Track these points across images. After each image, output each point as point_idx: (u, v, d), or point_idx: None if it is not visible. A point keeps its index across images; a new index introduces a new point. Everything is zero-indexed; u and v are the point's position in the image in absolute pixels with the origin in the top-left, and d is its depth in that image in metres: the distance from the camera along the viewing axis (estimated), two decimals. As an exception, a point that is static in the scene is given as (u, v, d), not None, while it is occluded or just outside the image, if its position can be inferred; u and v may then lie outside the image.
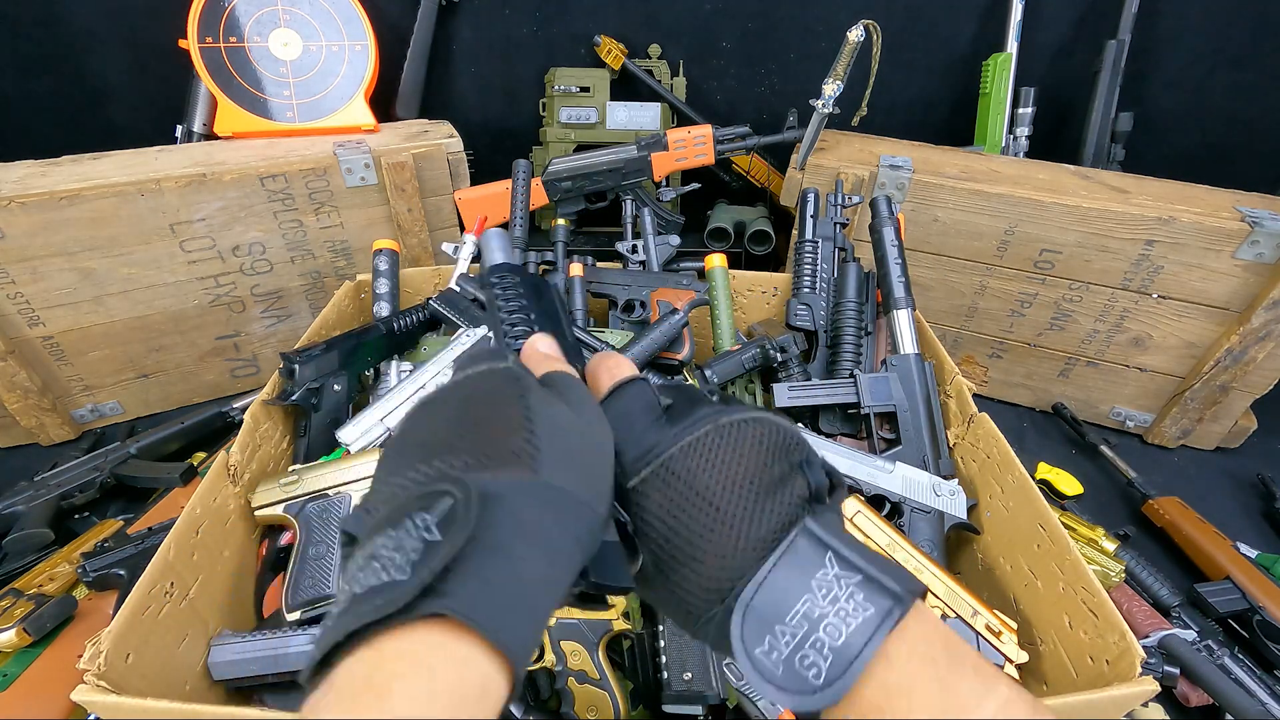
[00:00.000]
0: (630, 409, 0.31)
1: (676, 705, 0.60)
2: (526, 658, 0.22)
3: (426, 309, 0.93)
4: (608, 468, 0.29)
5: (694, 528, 0.27)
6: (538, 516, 0.24)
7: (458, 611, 0.20)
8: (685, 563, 0.27)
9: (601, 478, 0.28)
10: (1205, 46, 1.23)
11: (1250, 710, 0.68)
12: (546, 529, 0.24)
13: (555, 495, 0.25)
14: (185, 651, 0.58)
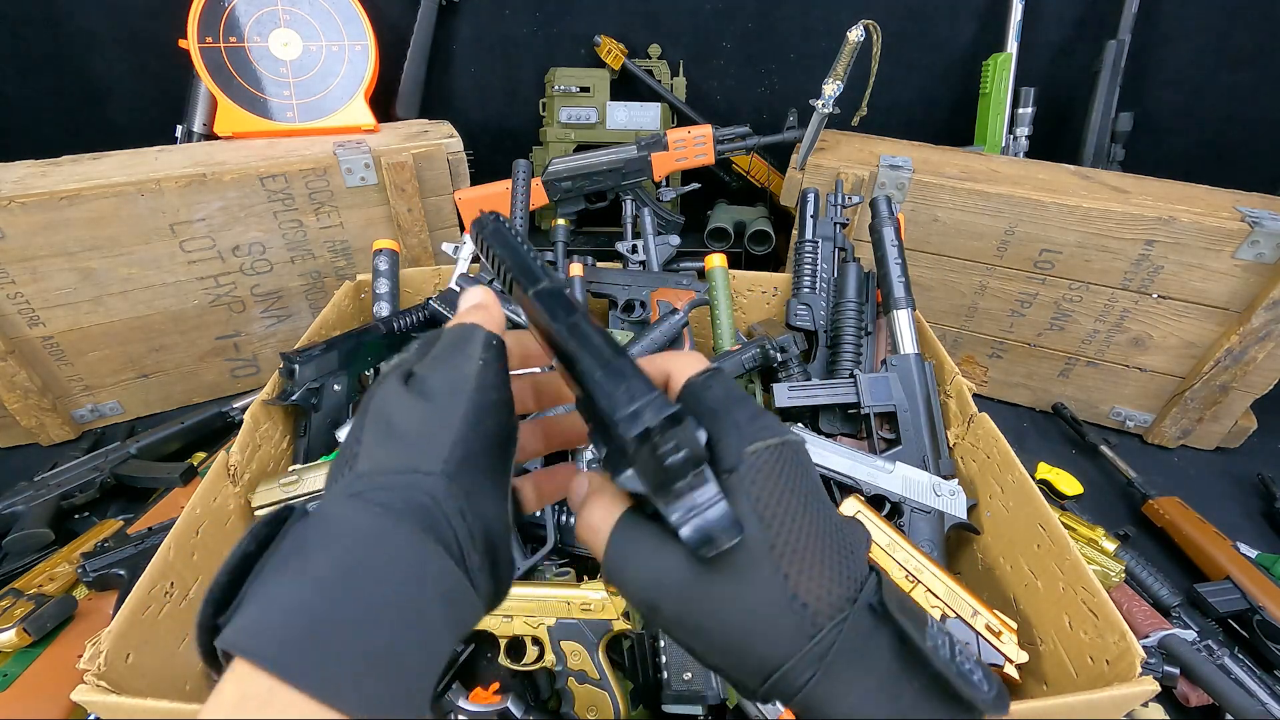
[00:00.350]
0: (732, 392, 0.27)
1: (676, 705, 0.60)
2: (330, 683, 0.20)
3: (426, 309, 0.93)
4: (449, 421, 0.26)
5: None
6: (341, 516, 0.23)
7: (227, 643, 0.20)
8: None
9: (434, 436, 0.25)
10: (1205, 46, 1.23)
11: (1250, 710, 0.68)
12: (348, 527, 0.22)
13: (361, 485, 0.24)
14: (185, 651, 0.58)
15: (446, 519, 0.24)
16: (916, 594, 0.64)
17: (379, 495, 0.23)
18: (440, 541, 0.23)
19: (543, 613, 0.63)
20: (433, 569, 0.23)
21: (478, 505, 0.25)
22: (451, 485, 0.24)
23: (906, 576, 0.65)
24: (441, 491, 0.24)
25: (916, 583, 0.64)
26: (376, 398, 0.27)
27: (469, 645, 0.67)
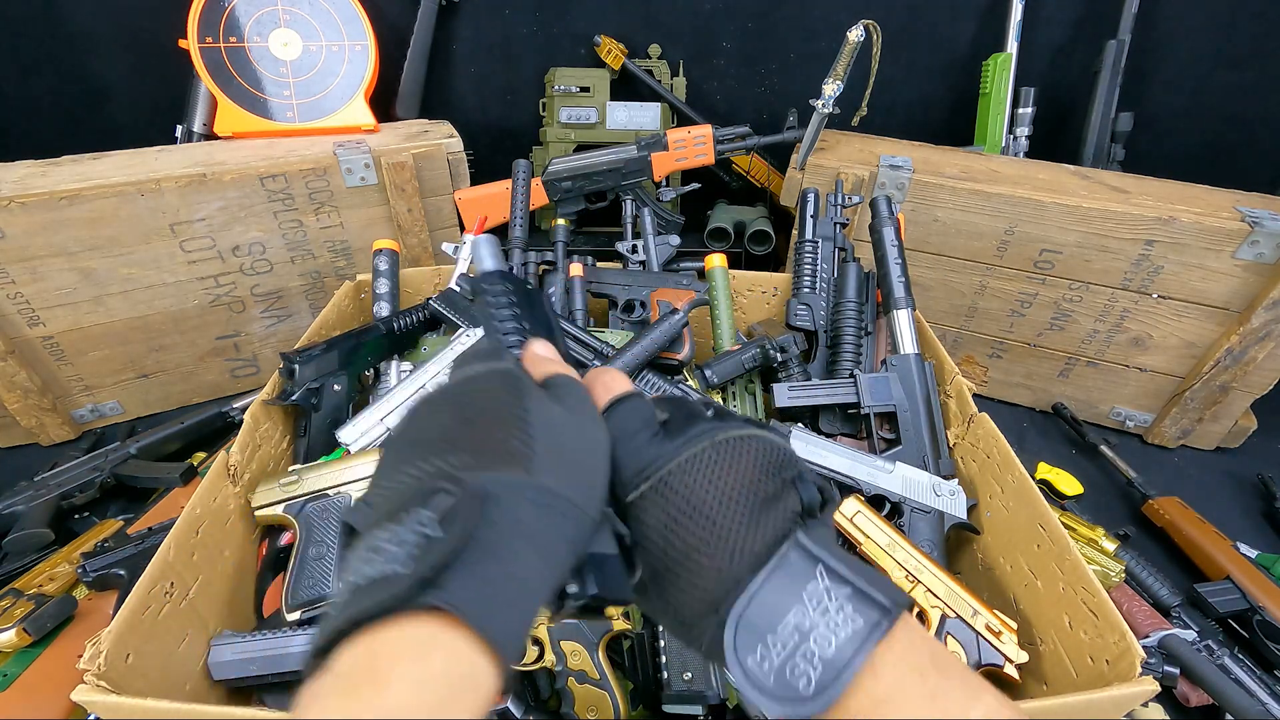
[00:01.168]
0: (627, 424, 0.31)
1: (676, 705, 0.60)
2: (516, 652, 0.23)
3: (426, 309, 0.93)
4: (602, 472, 0.29)
5: (690, 541, 0.27)
6: (531, 516, 0.24)
7: (453, 605, 0.21)
8: (681, 575, 0.28)
9: (595, 481, 0.28)
10: (1205, 46, 1.23)
11: (1250, 710, 0.68)
12: (539, 529, 0.24)
13: (547, 496, 0.25)
14: (185, 651, 0.58)
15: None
16: (916, 594, 0.64)
17: (561, 527, 0.26)
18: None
19: (543, 613, 0.63)
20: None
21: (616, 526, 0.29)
22: (594, 534, 0.27)
23: (906, 576, 0.65)
24: (588, 535, 0.27)
25: (916, 583, 0.64)
26: (536, 403, 0.28)
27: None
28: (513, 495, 0.24)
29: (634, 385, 0.34)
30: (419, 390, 0.80)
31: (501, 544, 0.23)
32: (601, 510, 0.28)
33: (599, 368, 0.35)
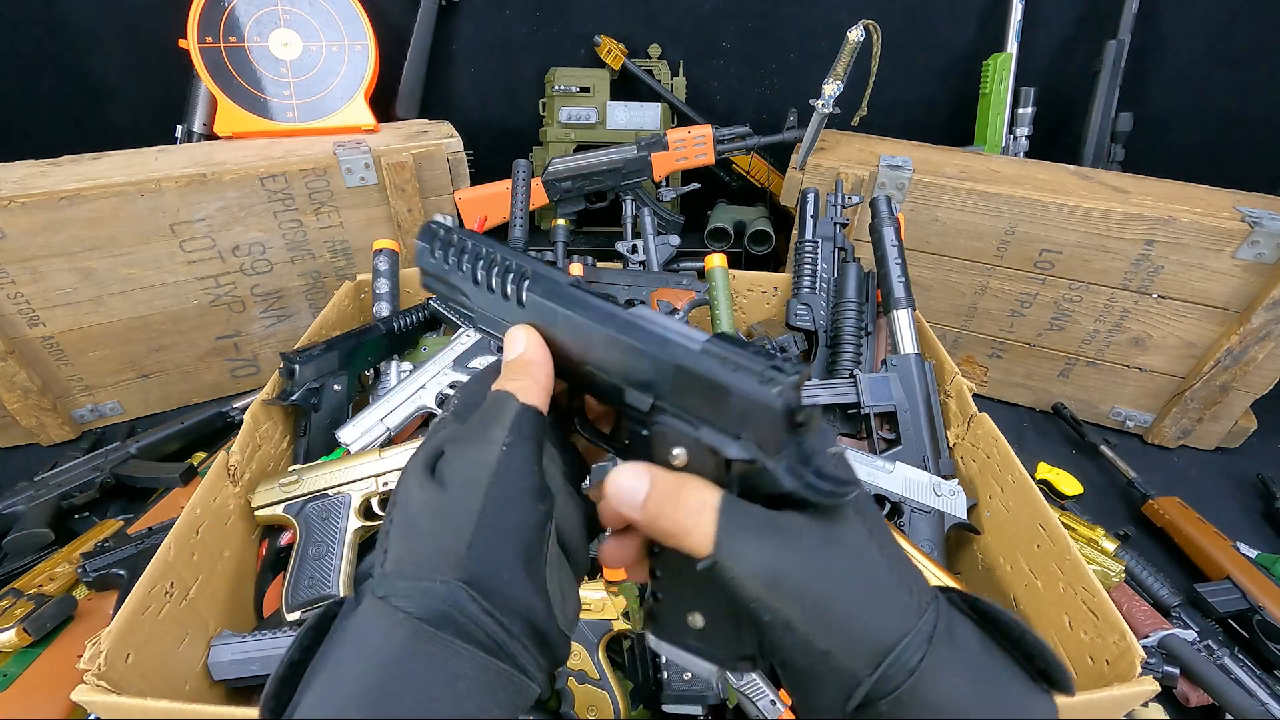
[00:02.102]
0: None
1: (676, 705, 0.60)
2: None
3: (426, 309, 0.93)
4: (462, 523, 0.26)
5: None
6: (366, 620, 0.25)
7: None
8: None
9: (448, 538, 0.25)
10: (1205, 46, 1.23)
11: (1250, 710, 0.68)
12: (368, 631, 0.25)
13: (389, 586, 0.25)
14: (185, 651, 0.58)
15: (472, 619, 0.24)
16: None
17: (402, 601, 0.24)
18: (470, 640, 0.24)
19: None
20: (464, 668, 0.24)
21: (507, 598, 0.25)
22: (471, 589, 0.25)
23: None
24: (460, 597, 0.24)
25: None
26: (402, 485, 0.27)
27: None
28: (359, 611, 0.25)
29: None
30: (419, 390, 0.80)
31: (330, 653, 0.25)
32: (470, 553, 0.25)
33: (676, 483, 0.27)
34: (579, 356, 0.30)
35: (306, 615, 0.63)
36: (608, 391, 0.29)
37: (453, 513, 0.26)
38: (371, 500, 0.70)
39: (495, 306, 0.32)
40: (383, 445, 0.76)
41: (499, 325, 0.32)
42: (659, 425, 0.27)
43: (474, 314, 0.33)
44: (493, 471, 0.26)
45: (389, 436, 0.77)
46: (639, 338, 0.28)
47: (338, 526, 0.68)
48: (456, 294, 0.34)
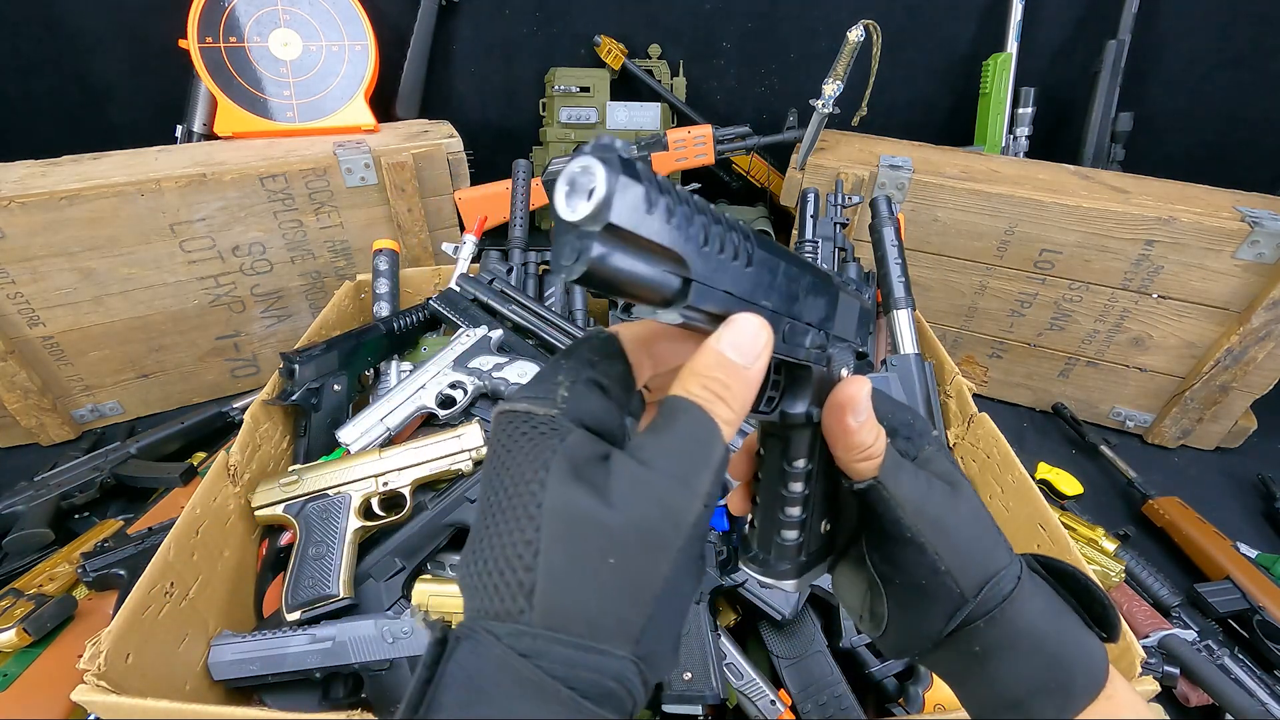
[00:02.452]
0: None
1: (676, 705, 0.60)
2: None
3: (426, 309, 0.93)
4: (650, 586, 0.20)
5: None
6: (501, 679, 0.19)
7: None
8: None
9: (631, 602, 0.20)
10: (1205, 46, 1.23)
11: (1250, 710, 0.68)
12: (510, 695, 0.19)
13: (530, 649, 0.19)
14: (185, 651, 0.58)
15: (635, 700, 0.20)
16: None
17: (560, 668, 0.19)
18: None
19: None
20: None
21: (658, 672, 0.21)
22: (640, 666, 0.20)
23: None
24: (631, 673, 0.20)
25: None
26: (557, 505, 0.20)
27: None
28: (481, 653, 0.19)
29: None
30: (419, 390, 0.80)
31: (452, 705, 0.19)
32: (649, 627, 0.20)
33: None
34: (787, 311, 0.26)
35: (308, 614, 0.63)
36: (800, 341, 0.28)
37: (638, 572, 0.20)
38: (371, 500, 0.70)
39: (720, 276, 0.22)
40: (383, 445, 0.76)
41: (717, 300, 0.22)
42: (834, 350, 0.30)
43: (685, 298, 0.21)
44: (689, 533, 0.21)
45: (389, 436, 0.77)
46: (817, 275, 0.29)
47: (338, 526, 0.68)
48: (660, 267, 0.20)
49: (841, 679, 0.62)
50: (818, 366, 0.29)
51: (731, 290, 0.23)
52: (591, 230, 0.18)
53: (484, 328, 0.87)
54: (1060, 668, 0.28)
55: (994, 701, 0.29)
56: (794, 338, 0.27)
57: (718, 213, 0.22)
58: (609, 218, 0.18)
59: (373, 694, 0.60)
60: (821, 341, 0.29)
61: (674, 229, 0.20)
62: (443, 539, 0.69)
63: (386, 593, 0.67)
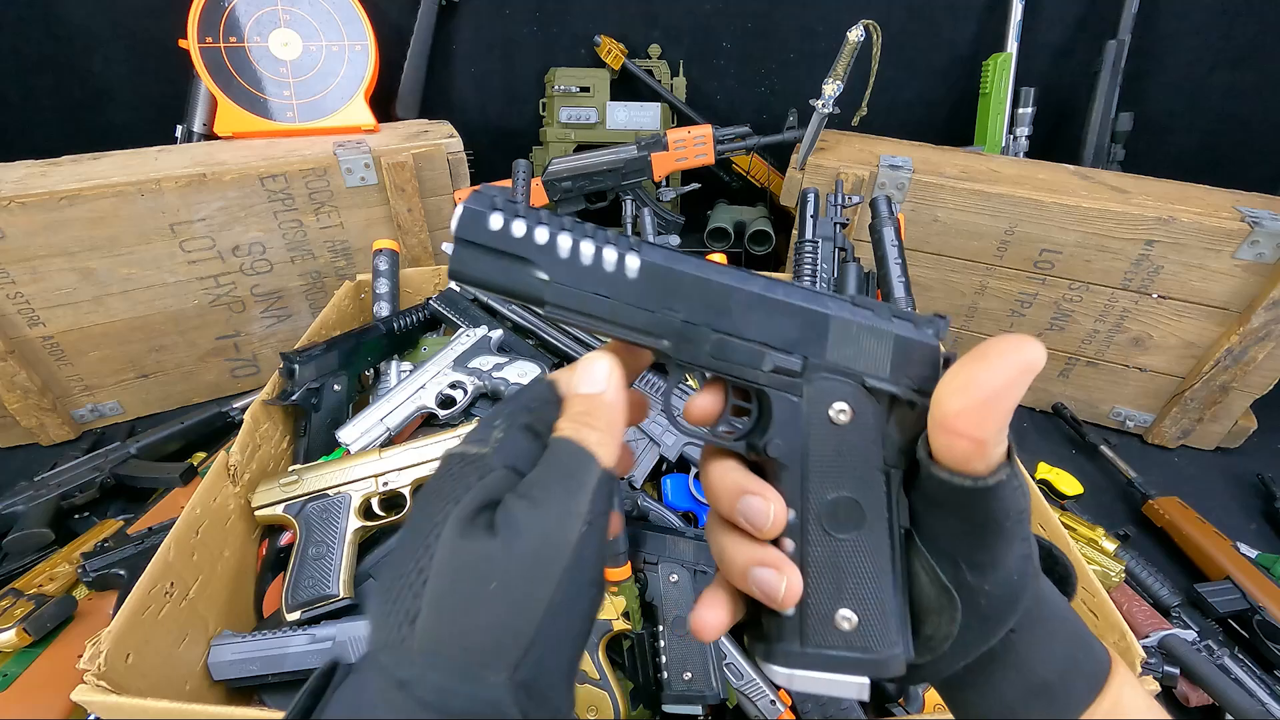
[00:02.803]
0: None
1: (676, 705, 0.60)
2: None
3: (426, 309, 0.93)
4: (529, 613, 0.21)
5: None
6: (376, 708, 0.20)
7: None
8: None
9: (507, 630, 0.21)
10: (1205, 46, 1.23)
11: (1250, 710, 0.68)
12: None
13: (418, 674, 0.20)
14: (185, 651, 0.58)
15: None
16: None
17: (432, 695, 0.20)
18: None
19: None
20: None
21: (545, 703, 0.21)
22: (518, 693, 0.20)
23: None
24: (506, 701, 0.20)
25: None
26: (445, 537, 0.22)
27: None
28: (362, 682, 0.21)
29: None
30: (419, 390, 0.80)
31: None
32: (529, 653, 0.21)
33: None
34: (712, 324, 0.27)
35: (308, 614, 0.63)
36: (741, 360, 0.27)
37: (518, 597, 0.21)
38: (371, 500, 0.70)
39: (587, 281, 0.26)
40: (383, 445, 0.75)
41: (587, 302, 0.26)
42: (817, 382, 0.26)
43: (544, 297, 0.26)
44: (570, 555, 0.22)
45: (389, 436, 0.77)
46: (787, 293, 0.27)
47: (338, 526, 0.68)
48: (520, 272, 0.26)
49: (841, 679, 0.62)
50: (780, 394, 0.26)
51: (607, 294, 0.26)
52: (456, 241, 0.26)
53: (484, 328, 0.87)
54: (1083, 640, 0.26)
55: (1020, 692, 0.26)
56: (730, 354, 0.27)
57: (600, 232, 0.27)
58: (456, 231, 0.26)
59: (373, 694, 0.60)
60: (792, 366, 0.26)
61: (524, 241, 0.26)
62: (443, 539, 0.69)
63: (386, 593, 0.67)
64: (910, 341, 0.26)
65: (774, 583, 0.25)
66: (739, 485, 0.26)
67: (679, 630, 0.63)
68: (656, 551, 0.66)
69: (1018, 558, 0.25)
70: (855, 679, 0.26)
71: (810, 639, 0.26)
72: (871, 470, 0.26)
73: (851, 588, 0.26)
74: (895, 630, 0.26)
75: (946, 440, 0.23)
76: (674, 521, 0.73)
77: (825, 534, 0.26)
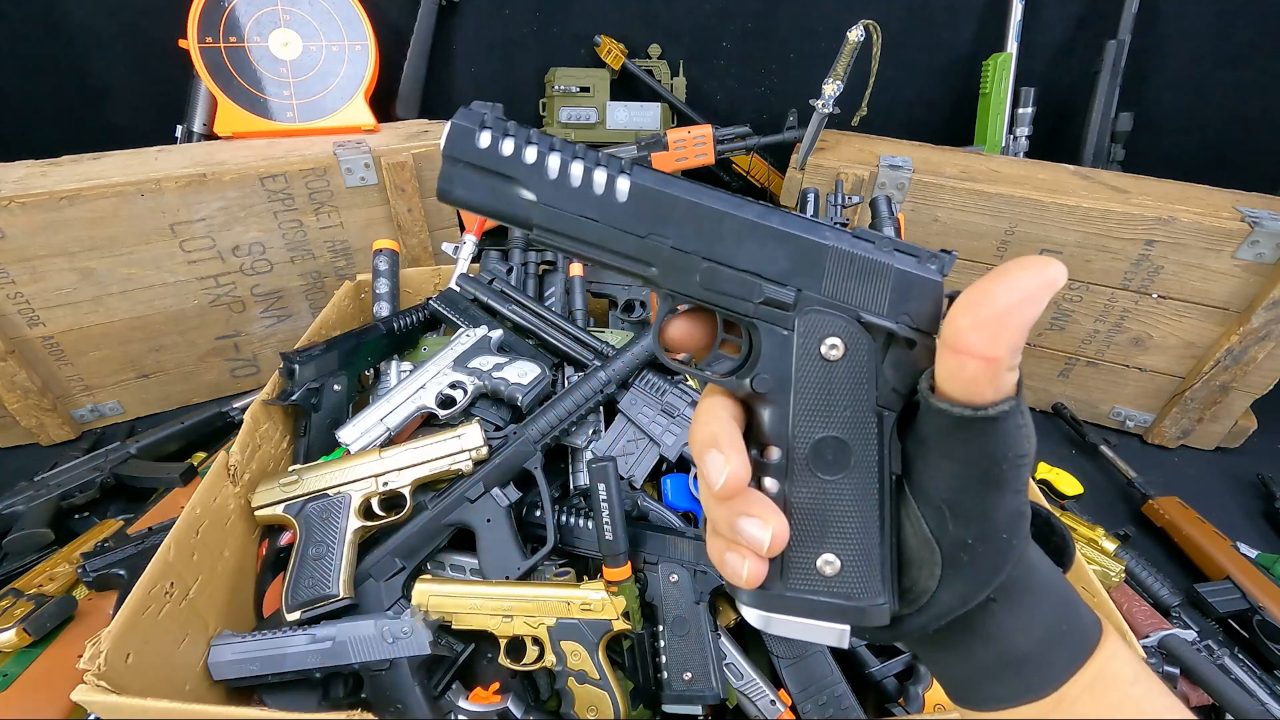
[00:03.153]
0: None
1: (676, 705, 0.60)
2: None
3: (426, 309, 0.93)
4: None
5: None
6: None
7: None
8: None
9: None
10: (1205, 46, 1.23)
11: (1250, 710, 0.68)
12: None
13: None
14: (185, 651, 0.58)
15: None
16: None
17: None
18: None
19: (543, 613, 0.63)
20: None
21: None
22: None
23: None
24: None
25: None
26: None
27: (469, 645, 0.67)
28: None
29: None
30: (419, 390, 0.80)
31: None
32: None
33: None
34: (703, 252, 0.26)
35: (308, 614, 0.63)
36: (732, 290, 0.26)
37: None
38: (371, 500, 0.70)
39: (576, 203, 0.26)
40: (383, 445, 0.75)
41: (575, 226, 0.26)
42: (810, 314, 0.25)
43: (531, 219, 0.26)
44: None
45: (389, 436, 0.77)
46: (783, 222, 0.25)
47: (338, 526, 0.68)
48: (508, 192, 0.26)
49: (841, 679, 0.62)
50: (770, 327, 0.26)
51: (596, 218, 0.26)
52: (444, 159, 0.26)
53: (484, 328, 0.86)
54: (1071, 606, 0.25)
55: (992, 663, 0.25)
56: (720, 284, 0.26)
57: (591, 153, 0.26)
58: (444, 148, 0.26)
59: (373, 694, 0.60)
60: (784, 298, 0.25)
61: (513, 160, 0.25)
62: (442, 539, 0.69)
63: (386, 593, 0.67)
64: (911, 276, 0.25)
65: (758, 535, 0.24)
66: (711, 436, 0.26)
67: (679, 630, 0.63)
68: (656, 551, 0.66)
69: (1008, 513, 0.23)
70: (835, 625, 0.25)
71: (791, 582, 0.25)
72: (863, 410, 0.25)
73: (836, 532, 0.25)
74: (880, 579, 0.25)
75: (957, 363, 0.21)
76: (674, 521, 0.73)
77: (811, 474, 0.25)
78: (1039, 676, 0.24)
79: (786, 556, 0.25)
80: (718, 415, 0.26)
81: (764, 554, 0.24)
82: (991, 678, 0.25)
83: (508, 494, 0.70)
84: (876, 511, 0.25)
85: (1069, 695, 0.24)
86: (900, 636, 0.26)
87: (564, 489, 0.79)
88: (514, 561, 0.67)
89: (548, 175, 0.25)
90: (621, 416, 0.78)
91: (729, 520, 0.25)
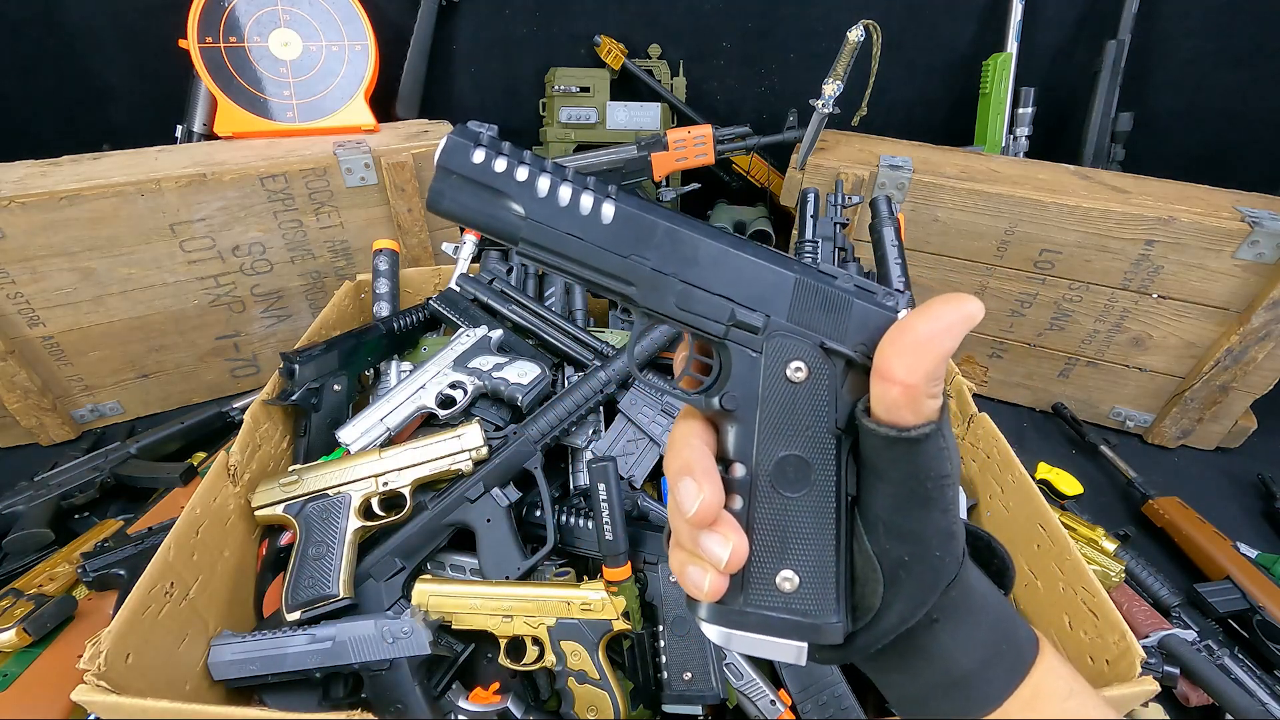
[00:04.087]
0: None
1: (676, 705, 0.60)
2: None
3: (426, 309, 0.93)
4: None
5: None
6: None
7: None
8: None
9: None
10: (1205, 46, 1.23)
11: (1250, 710, 0.68)
12: None
13: None
14: (185, 651, 0.58)
15: None
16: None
17: None
18: None
19: (543, 613, 0.63)
20: None
21: None
22: None
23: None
24: None
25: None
26: None
27: (469, 645, 0.67)
28: None
29: None
30: (419, 390, 0.80)
31: None
32: None
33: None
34: (680, 274, 0.27)
35: (308, 614, 0.63)
36: (705, 312, 0.27)
37: None
38: (371, 500, 0.70)
39: (563, 221, 0.27)
40: (383, 445, 0.75)
41: (560, 242, 0.27)
42: (776, 339, 0.27)
43: (519, 234, 0.27)
44: None
45: (389, 436, 0.77)
46: (756, 253, 0.27)
47: (338, 526, 0.68)
48: (497, 206, 0.27)
49: (841, 679, 0.62)
50: (739, 348, 0.27)
51: (581, 236, 0.27)
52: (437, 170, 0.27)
53: (484, 328, 0.86)
54: (1009, 625, 0.26)
55: (938, 682, 0.26)
56: (694, 305, 0.28)
57: (579, 177, 0.27)
58: (439, 160, 0.27)
59: (373, 694, 0.60)
60: (754, 322, 0.27)
61: (505, 176, 0.27)
62: (443, 539, 0.69)
63: (386, 593, 0.67)
64: (870, 310, 0.27)
65: (718, 552, 0.25)
66: (686, 464, 0.27)
67: (679, 630, 0.63)
68: (656, 551, 0.66)
69: (938, 531, 0.25)
70: (793, 643, 0.26)
71: (751, 597, 0.26)
72: (823, 431, 0.27)
73: (795, 549, 0.26)
74: (834, 597, 0.26)
75: (883, 388, 0.24)
76: (674, 521, 0.73)
77: (774, 491, 0.26)
78: (980, 694, 0.25)
79: (747, 571, 0.26)
80: (691, 442, 0.28)
81: (722, 570, 0.26)
82: (937, 696, 0.26)
83: (508, 494, 0.70)
84: (833, 530, 0.26)
85: (1009, 713, 0.25)
86: (850, 655, 0.27)
87: (564, 489, 0.79)
88: (514, 561, 0.67)
89: (537, 193, 0.27)
90: (621, 416, 0.78)
91: (691, 535, 0.26)
